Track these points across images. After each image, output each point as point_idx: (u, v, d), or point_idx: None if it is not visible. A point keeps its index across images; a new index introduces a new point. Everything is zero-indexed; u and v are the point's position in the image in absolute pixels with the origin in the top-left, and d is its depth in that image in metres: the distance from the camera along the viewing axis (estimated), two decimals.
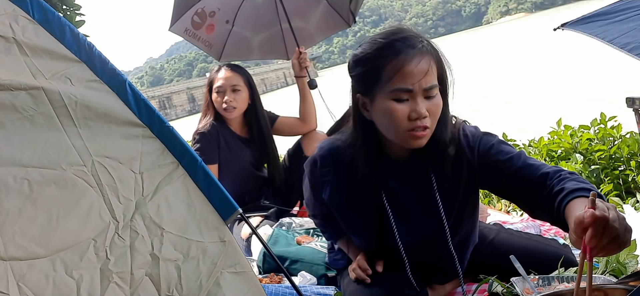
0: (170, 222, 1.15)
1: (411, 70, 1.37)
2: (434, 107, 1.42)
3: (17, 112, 1.10)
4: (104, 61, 1.22)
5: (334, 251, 1.97)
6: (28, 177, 1.07)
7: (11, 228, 1.02)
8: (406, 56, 1.38)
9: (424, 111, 1.39)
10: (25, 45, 1.15)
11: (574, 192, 1.25)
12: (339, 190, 1.66)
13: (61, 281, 1.01)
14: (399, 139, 1.46)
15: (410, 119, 1.40)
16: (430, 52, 1.42)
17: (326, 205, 1.76)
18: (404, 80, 1.38)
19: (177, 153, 1.23)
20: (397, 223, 1.62)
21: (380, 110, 1.44)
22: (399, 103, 1.40)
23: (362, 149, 1.55)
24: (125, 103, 1.21)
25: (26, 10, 1.20)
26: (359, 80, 1.50)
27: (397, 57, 1.38)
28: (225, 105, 2.81)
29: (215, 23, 3.44)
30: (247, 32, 3.53)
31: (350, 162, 1.58)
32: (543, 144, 3.57)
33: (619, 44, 2.38)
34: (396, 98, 1.40)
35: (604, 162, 3.01)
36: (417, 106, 1.39)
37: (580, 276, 1.08)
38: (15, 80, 1.10)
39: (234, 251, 1.17)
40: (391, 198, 1.61)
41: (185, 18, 3.34)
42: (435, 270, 1.74)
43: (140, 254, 1.09)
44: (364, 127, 1.53)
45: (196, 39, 3.48)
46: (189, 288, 1.10)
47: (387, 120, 1.44)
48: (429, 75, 1.39)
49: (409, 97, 1.39)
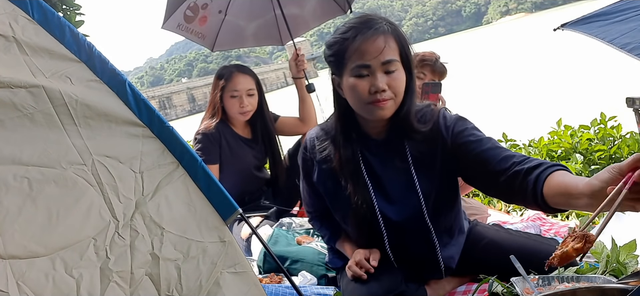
0: (170, 221, 1.15)
1: (367, 47, 1.54)
2: (393, 80, 1.56)
3: (17, 110, 1.10)
4: (103, 61, 1.22)
5: (333, 250, 1.97)
6: (28, 175, 1.07)
7: (11, 227, 1.02)
8: (363, 36, 1.55)
9: (382, 85, 1.54)
10: (25, 44, 1.14)
11: (554, 167, 1.35)
12: (325, 170, 1.77)
13: (61, 280, 1.01)
14: (364, 111, 1.61)
15: (371, 93, 1.56)
16: (389, 31, 1.57)
17: (320, 197, 1.85)
18: (362, 57, 1.55)
19: (177, 153, 1.23)
20: (377, 198, 1.71)
21: (347, 87, 1.60)
22: (359, 79, 1.56)
23: (339, 124, 1.72)
24: (125, 103, 1.20)
25: (26, 10, 1.19)
26: (331, 63, 1.67)
27: (355, 38, 1.55)
28: (242, 109, 2.81)
29: (208, 14, 3.44)
30: (241, 21, 3.52)
31: (333, 139, 1.74)
32: (543, 144, 3.57)
33: (619, 44, 2.38)
34: (357, 74, 1.56)
35: (604, 162, 3.01)
36: (376, 80, 1.54)
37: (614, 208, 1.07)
38: (15, 78, 1.10)
39: (234, 252, 1.17)
40: (371, 174, 1.72)
41: (177, 14, 3.34)
42: (418, 254, 1.76)
43: (141, 253, 1.09)
44: (340, 105, 1.70)
45: (189, 32, 3.48)
46: (189, 288, 1.10)
47: (352, 95, 1.60)
48: (386, 51, 1.54)
49: (368, 73, 1.56)
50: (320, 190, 1.83)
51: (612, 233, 2.00)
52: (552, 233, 2.39)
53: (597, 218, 1.13)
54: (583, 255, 1.10)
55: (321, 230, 1.98)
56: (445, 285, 1.84)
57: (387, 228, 1.73)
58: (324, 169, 1.78)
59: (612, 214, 1.07)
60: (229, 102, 2.83)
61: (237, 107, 2.81)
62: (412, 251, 1.76)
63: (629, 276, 1.55)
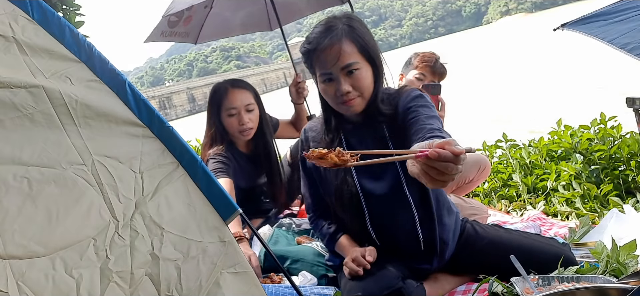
0: (170, 221, 1.15)
1: (326, 57, 1.66)
2: (356, 80, 1.68)
3: (17, 110, 1.10)
4: (103, 61, 1.21)
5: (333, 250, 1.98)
6: (28, 175, 1.06)
7: (11, 227, 1.02)
8: (321, 47, 1.66)
9: (345, 87, 1.67)
10: (25, 44, 1.14)
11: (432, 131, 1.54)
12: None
13: (61, 280, 1.01)
14: (338, 109, 1.76)
15: (337, 95, 1.69)
16: (344, 35, 1.67)
17: (316, 187, 1.94)
18: (323, 66, 1.68)
19: (177, 153, 1.22)
20: (358, 174, 1.82)
21: (320, 89, 1.76)
22: (326, 83, 1.71)
23: (323, 114, 1.87)
24: (125, 103, 1.20)
25: (26, 11, 1.19)
26: (307, 68, 1.81)
27: (315, 49, 1.68)
28: (242, 127, 2.56)
29: (192, 14, 3.39)
30: (227, 12, 3.47)
31: (320, 127, 1.89)
32: (543, 144, 3.57)
33: (618, 44, 2.38)
34: (323, 80, 1.71)
35: (604, 162, 3.00)
36: (339, 85, 1.67)
37: None
38: (15, 78, 1.09)
39: (234, 252, 1.17)
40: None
41: (160, 24, 3.31)
42: (398, 229, 1.81)
43: (140, 253, 1.08)
44: (322, 99, 1.83)
45: (173, 35, 3.43)
46: (189, 288, 1.10)
47: (325, 96, 1.76)
48: (343, 57, 1.65)
49: (332, 78, 1.69)
50: (314, 176, 1.94)
51: (612, 233, 2.00)
52: (552, 233, 2.39)
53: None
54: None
55: (321, 232, 2.01)
56: (444, 285, 1.84)
57: (368, 202, 1.80)
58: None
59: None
60: (228, 122, 2.57)
61: (236, 125, 2.56)
62: (392, 226, 1.81)
63: (629, 276, 1.55)
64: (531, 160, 3.46)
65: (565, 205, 2.87)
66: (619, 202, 2.62)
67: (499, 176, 3.49)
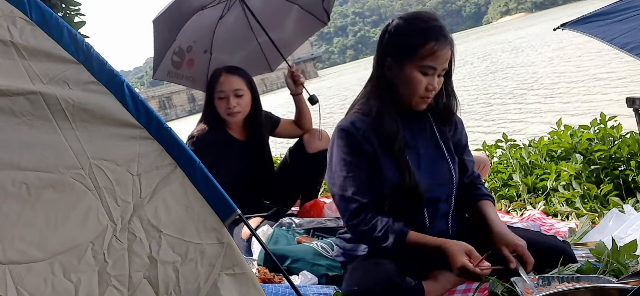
0: (168, 223, 1.15)
1: (441, 54, 1.73)
2: (441, 82, 1.80)
3: (16, 117, 1.09)
4: (102, 62, 1.21)
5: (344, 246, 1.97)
6: (26, 180, 1.06)
7: (10, 232, 1.02)
8: (441, 44, 1.73)
9: (437, 86, 1.78)
10: (23, 48, 1.14)
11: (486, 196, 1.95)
12: (367, 150, 1.81)
13: (59, 285, 1.01)
14: (412, 101, 1.79)
15: (427, 89, 1.76)
16: (452, 43, 1.78)
17: (375, 182, 1.80)
18: (434, 61, 1.73)
19: (175, 155, 1.22)
20: (416, 169, 1.82)
21: (405, 75, 1.76)
22: (423, 75, 1.75)
23: (383, 100, 1.82)
24: (123, 104, 1.20)
25: (24, 11, 1.19)
26: (393, 47, 1.80)
27: (435, 42, 1.72)
28: (229, 110, 2.75)
29: (194, 57, 3.40)
30: (226, 55, 3.45)
31: (374, 120, 1.81)
32: (543, 144, 3.57)
33: (618, 44, 2.38)
34: (423, 71, 1.74)
35: (604, 162, 3.00)
36: (433, 81, 1.76)
37: None
38: (13, 85, 1.09)
39: (232, 253, 1.17)
40: (406, 147, 1.84)
41: (165, 61, 3.31)
42: (438, 227, 1.87)
43: (138, 257, 1.08)
44: (383, 84, 1.83)
45: (180, 78, 3.46)
46: (187, 290, 1.10)
47: (409, 84, 1.77)
48: (447, 60, 1.77)
49: (431, 73, 1.75)
50: (371, 168, 1.81)
51: (613, 233, 2.00)
52: (552, 233, 2.38)
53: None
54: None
55: (381, 222, 1.77)
56: (444, 283, 1.84)
57: (426, 201, 1.83)
58: (366, 150, 1.81)
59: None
60: (218, 104, 2.77)
61: (224, 108, 2.75)
62: (436, 223, 1.87)
63: (629, 276, 1.55)
64: (531, 160, 3.45)
65: (565, 205, 2.87)
66: (619, 202, 2.61)
67: (499, 176, 3.49)
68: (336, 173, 1.82)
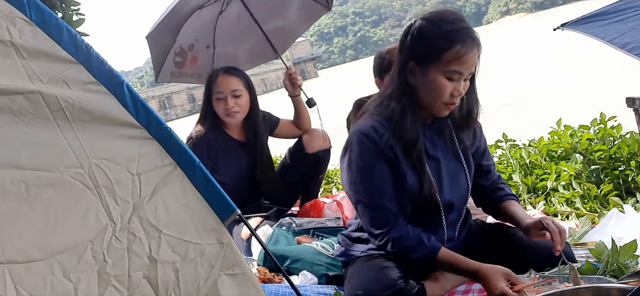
0: (168, 224, 1.15)
1: (468, 58, 1.61)
2: (466, 87, 1.68)
3: (15, 116, 1.09)
4: (101, 62, 1.21)
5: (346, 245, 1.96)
6: (25, 179, 1.06)
7: (9, 231, 1.02)
8: (468, 47, 1.60)
9: (462, 91, 1.66)
10: (23, 48, 1.14)
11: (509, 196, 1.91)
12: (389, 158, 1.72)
13: (59, 284, 1.01)
14: (434, 107, 1.69)
15: (452, 95, 1.64)
16: (479, 45, 1.65)
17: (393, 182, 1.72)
18: (460, 65, 1.61)
19: (174, 155, 1.22)
20: (434, 179, 1.76)
21: (430, 80, 1.64)
22: (449, 81, 1.63)
23: (406, 107, 1.70)
24: (123, 104, 1.20)
25: (23, 11, 1.19)
26: (416, 50, 1.67)
27: (462, 45, 1.59)
28: (227, 111, 2.75)
29: (197, 54, 3.40)
30: (230, 48, 3.46)
31: (396, 126, 1.70)
32: (543, 144, 3.57)
33: (618, 44, 2.38)
34: (448, 76, 1.62)
35: (604, 162, 3.00)
36: (459, 87, 1.64)
37: None
38: (12, 85, 1.09)
39: (232, 253, 1.17)
40: (427, 156, 1.76)
41: (167, 64, 3.32)
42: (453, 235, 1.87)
43: (138, 257, 1.08)
44: (404, 89, 1.71)
45: (184, 76, 3.46)
46: (187, 290, 1.10)
47: (433, 90, 1.65)
48: (474, 64, 1.65)
49: (457, 78, 1.63)
50: (392, 178, 1.73)
51: (612, 233, 2.00)
52: None
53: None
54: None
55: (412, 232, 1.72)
56: (445, 284, 1.83)
57: (444, 209, 1.79)
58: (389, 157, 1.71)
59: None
60: (216, 104, 2.78)
61: (222, 108, 2.76)
62: (450, 230, 1.85)
63: (629, 276, 1.55)
64: (531, 160, 3.45)
65: (565, 205, 2.87)
66: (619, 202, 2.61)
67: None
68: (358, 180, 1.72)
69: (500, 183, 1.94)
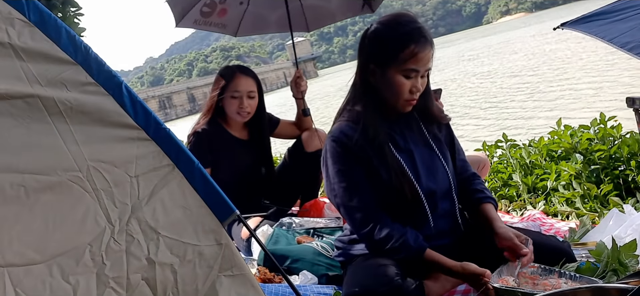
0: (167, 225, 1.14)
1: (423, 56, 1.72)
2: (424, 83, 1.80)
3: (13, 119, 1.09)
4: (100, 63, 1.20)
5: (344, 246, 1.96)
6: (24, 183, 1.06)
7: (8, 235, 1.02)
8: (421, 45, 1.72)
9: (421, 87, 1.77)
10: (21, 50, 1.13)
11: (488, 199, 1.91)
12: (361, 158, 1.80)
13: (58, 287, 1.01)
14: (397, 104, 1.79)
15: (411, 92, 1.76)
16: (432, 43, 1.77)
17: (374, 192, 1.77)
18: (416, 63, 1.72)
19: (173, 155, 1.21)
20: (410, 171, 1.82)
21: (389, 79, 1.76)
22: (406, 79, 1.74)
23: (369, 106, 1.82)
24: (121, 105, 1.19)
25: (22, 12, 1.18)
26: (375, 52, 1.79)
27: (416, 44, 1.71)
28: (241, 110, 2.78)
29: (228, 7, 3.45)
30: (264, 10, 3.52)
31: (363, 128, 1.79)
32: (543, 144, 3.57)
33: (618, 43, 2.38)
34: (406, 75, 1.74)
35: (604, 162, 3.00)
36: (417, 83, 1.76)
37: None
38: (11, 89, 1.09)
39: (230, 254, 1.16)
40: (398, 150, 1.84)
41: (193, 12, 3.36)
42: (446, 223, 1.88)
43: (136, 259, 1.08)
44: (369, 91, 1.82)
45: (208, 25, 3.49)
46: (185, 292, 1.10)
47: (393, 89, 1.76)
48: (429, 61, 1.76)
49: (414, 76, 1.74)
50: (364, 181, 1.78)
51: (613, 233, 2.00)
52: (552, 233, 2.38)
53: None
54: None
55: (397, 232, 1.74)
56: (444, 283, 1.83)
57: (426, 197, 1.81)
58: (361, 157, 1.79)
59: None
60: (229, 102, 2.78)
61: (236, 107, 2.77)
62: (442, 221, 1.86)
63: (629, 276, 1.55)
64: (531, 160, 3.45)
65: (565, 205, 2.87)
66: (619, 202, 2.61)
67: (499, 176, 3.49)
68: (335, 184, 1.80)
69: (478, 184, 1.97)
